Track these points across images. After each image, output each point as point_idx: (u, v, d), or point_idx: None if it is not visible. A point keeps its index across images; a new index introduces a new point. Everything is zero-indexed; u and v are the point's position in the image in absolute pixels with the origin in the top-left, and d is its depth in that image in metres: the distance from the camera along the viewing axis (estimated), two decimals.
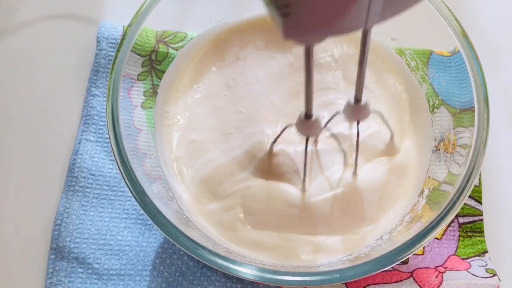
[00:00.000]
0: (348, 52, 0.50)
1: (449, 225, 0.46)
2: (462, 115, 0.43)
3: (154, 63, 0.47)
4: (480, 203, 0.47)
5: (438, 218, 0.38)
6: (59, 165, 0.48)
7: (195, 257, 0.37)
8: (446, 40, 0.44)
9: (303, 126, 0.39)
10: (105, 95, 0.50)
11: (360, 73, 0.37)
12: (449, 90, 0.45)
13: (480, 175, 0.48)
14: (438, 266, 0.44)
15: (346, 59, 0.49)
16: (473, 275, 0.43)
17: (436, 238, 0.46)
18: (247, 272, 0.37)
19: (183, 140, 0.47)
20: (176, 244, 0.37)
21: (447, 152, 0.43)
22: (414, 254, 0.44)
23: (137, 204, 0.38)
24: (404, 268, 0.44)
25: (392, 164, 0.45)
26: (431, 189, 0.43)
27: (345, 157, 0.45)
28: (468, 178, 0.39)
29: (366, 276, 0.37)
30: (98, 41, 0.51)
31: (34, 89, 0.51)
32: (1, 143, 0.49)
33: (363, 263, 0.37)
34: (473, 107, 0.41)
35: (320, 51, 0.49)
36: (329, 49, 0.50)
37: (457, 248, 0.46)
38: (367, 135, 0.46)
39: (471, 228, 0.46)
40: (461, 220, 0.47)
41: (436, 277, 0.44)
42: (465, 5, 0.56)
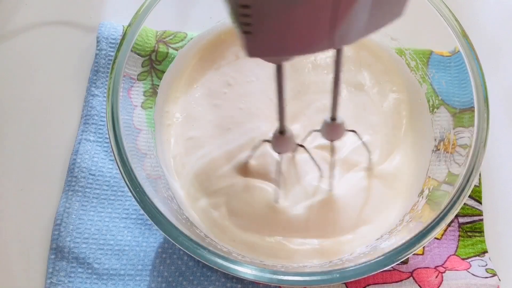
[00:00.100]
0: (348, 53, 0.50)
1: (449, 225, 0.46)
2: (462, 115, 0.43)
3: (154, 63, 0.47)
4: (480, 203, 0.47)
5: (438, 218, 0.38)
6: (59, 165, 0.48)
7: (195, 257, 0.37)
8: (446, 40, 0.44)
9: (277, 142, 0.39)
10: (105, 95, 0.50)
11: (335, 92, 0.36)
12: (449, 90, 0.45)
13: (480, 175, 0.48)
14: (438, 266, 0.44)
15: (346, 60, 0.49)
16: (473, 275, 0.43)
17: (436, 238, 0.46)
18: (247, 272, 0.37)
19: (181, 138, 0.47)
20: (176, 244, 0.37)
21: (447, 152, 0.43)
22: (414, 254, 0.44)
23: (137, 204, 0.38)
24: (404, 268, 0.44)
25: (375, 177, 0.45)
26: (431, 189, 0.43)
27: (330, 167, 0.44)
28: (468, 178, 0.39)
29: (366, 276, 0.37)
30: (98, 41, 0.51)
31: (34, 89, 0.51)
32: (1, 143, 0.49)
33: (363, 263, 0.37)
34: (473, 107, 0.41)
35: (319, 52, 0.49)
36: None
37: (457, 248, 0.46)
38: (351, 150, 0.46)
39: (471, 228, 0.46)
40: (461, 220, 0.47)
41: (436, 277, 0.44)
42: (465, 5, 0.56)
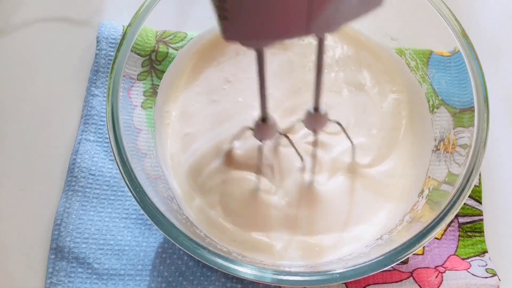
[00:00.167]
0: (349, 53, 0.50)
1: (449, 225, 0.46)
2: (462, 115, 0.43)
3: (154, 63, 0.47)
4: (480, 203, 0.47)
5: (438, 218, 0.38)
6: (59, 165, 0.48)
7: (195, 257, 0.37)
8: (446, 40, 0.44)
9: (259, 130, 0.39)
10: (105, 95, 0.50)
11: (317, 82, 0.36)
12: (449, 90, 0.45)
13: (480, 175, 0.48)
14: (438, 266, 0.44)
15: (347, 60, 0.49)
16: (473, 275, 0.43)
17: (436, 238, 0.46)
18: (247, 272, 0.37)
19: (178, 136, 0.47)
20: (176, 244, 0.37)
21: (447, 152, 0.43)
22: (414, 254, 0.44)
23: (137, 204, 0.38)
24: (404, 268, 0.44)
25: (367, 178, 0.45)
26: (431, 189, 0.43)
27: (312, 159, 0.44)
28: (468, 178, 0.39)
29: (366, 276, 0.37)
30: (98, 41, 0.51)
31: (34, 89, 0.51)
32: (1, 143, 0.49)
33: (363, 263, 0.37)
34: (473, 107, 0.41)
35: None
36: (329, 49, 0.50)
37: (457, 248, 0.46)
38: (343, 150, 0.46)
39: (471, 228, 0.46)
40: (461, 220, 0.47)
41: (436, 277, 0.44)
42: (465, 5, 0.56)
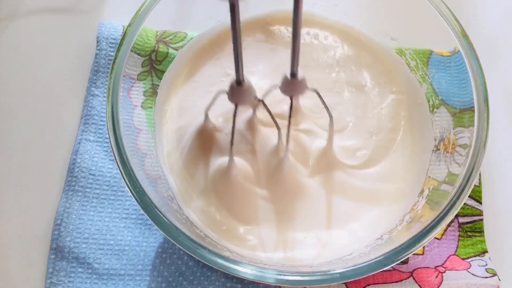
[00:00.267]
0: (349, 53, 0.50)
1: (449, 225, 0.46)
2: (462, 115, 0.43)
3: (154, 63, 0.47)
4: (480, 203, 0.47)
5: (438, 218, 0.38)
6: (59, 165, 0.48)
7: (195, 257, 0.37)
8: (446, 40, 0.44)
9: (234, 93, 0.38)
10: (105, 95, 0.50)
11: (294, 46, 0.35)
12: (449, 90, 0.45)
13: (480, 175, 0.48)
14: (438, 266, 0.44)
15: (347, 60, 0.49)
16: (473, 275, 0.43)
17: (436, 238, 0.46)
18: (247, 272, 0.37)
19: (172, 131, 0.47)
20: (176, 244, 0.37)
21: (447, 152, 0.43)
22: (414, 254, 0.44)
23: (137, 204, 0.38)
24: (404, 268, 0.44)
25: (360, 178, 0.45)
26: (431, 189, 0.43)
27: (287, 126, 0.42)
28: (468, 178, 0.39)
29: (366, 276, 0.37)
30: (98, 41, 0.51)
31: (34, 89, 0.51)
32: (1, 143, 0.49)
33: (363, 263, 0.37)
34: (473, 107, 0.41)
35: (320, 51, 0.49)
36: (330, 49, 0.50)
37: (457, 248, 0.46)
38: (341, 147, 0.46)
39: (471, 228, 0.46)
40: (461, 220, 0.47)
41: (436, 277, 0.44)
42: (465, 5, 0.56)
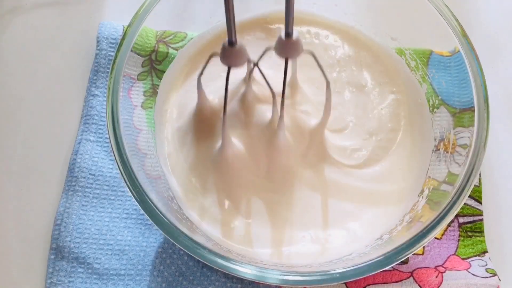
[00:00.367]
0: (349, 53, 0.50)
1: (449, 225, 0.46)
2: (462, 115, 0.43)
3: (154, 63, 0.47)
4: (480, 203, 0.47)
5: (438, 218, 0.38)
6: (59, 165, 0.48)
7: (195, 257, 0.37)
8: (446, 40, 0.44)
9: (226, 54, 0.36)
10: (105, 95, 0.50)
11: (288, 3, 0.34)
12: (449, 90, 0.45)
13: (480, 175, 0.48)
14: (438, 266, 0.44)
15: (348, 60, 0.49)
16: (473, 275, 0.43)
17: (436, 238, 0.46)
18: (247, 272, 0.37)
19: (172, 131, 0.46)
20: (176, 244, 0.37)
21: (447, 152, 0.43)
22: (414, 254, 0.44)
23: (137, 204, 0.38)
24: (404, 268, 0.44)
25: (356, 178, 0.45)
26: (431, 189, 0.43)
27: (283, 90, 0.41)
28: (468, 178, 0.39)
29: (366, 276, 0.37)
30: (98, 41, 0.51)
31: (34, 89, 0.51)
32: (1, 143, 0.49)
33: (363, 263, 0.37)
34: (473, 107, 0.41)
35: (321, 51, 0.49)
36: (330, 48, 0.50)
37: (457, 248, 0.46)
38: (342, 147, 0.46)
39: (471, 228, 0.46)
40: (461, 220, 0.47)
41: (436, 277, 0.44)
42: (465, 5, 0.56)
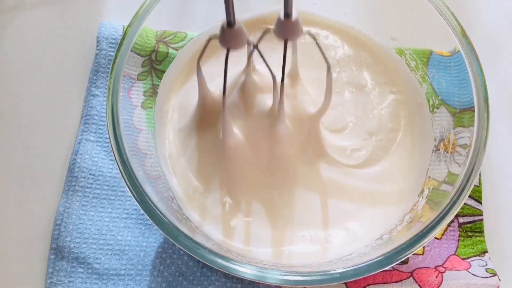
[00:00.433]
0: (349, 53, 0.50)
1: (449, 225, 0.46)
2: (462, 115, 0.43)
3: (154, 63, 0.47)
4: (480, 203, 0.47)
5: (438, 218, 0.38)
6: (59, 165, 0.48)
7: (195, 257, 0.37)
8: (446, 40, 0.44)
9: (225, 36, 0.36)
10: (105, 95, 0.50)
11: None
12: (449, 90, 0.45)
13: (480, 175, 0.48)
14: (438, 266, 0.44)
15: (348, 60, 0.49)
16: (473, 275, 0.43)
17: (436, 238, 0.46)
18: (247, 272, 0.37)
19: (173, 132, 0.46)
20: (176, 244, 0.37)
21: (447, 152, 0.43)
22: (414, 254, 0.44)
23: (137, 204, 0.38)
24: (404, 268, 0.44)
25: (355, 177, 0.45)
26: (431, 189, 0.43)
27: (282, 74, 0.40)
28: (468, 178, 0.39)
29: (366, 276, 0.37)
30: (98, 41, 0.51)
31: (34, 89, 0.51)
32: (2, 143, 0.49)
33: (363, 263, 0.37)
34: (473, 107, 0.41)
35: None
36: (330, 49, 0.50)
37: (457, 248, 0.46)
38: (342, 147, 0.46)
39: (471, 228, 0.46)
40: (461, 220, 0.47)
41: (436, 277, 0.44)
42: (465, 5, 0.56)
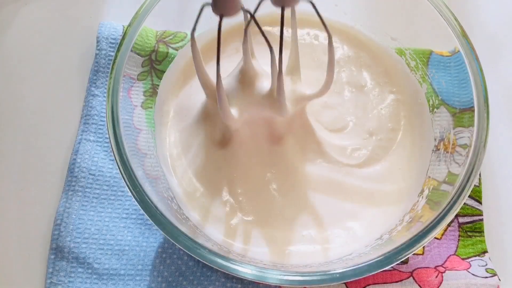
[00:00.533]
0: (349, 53, 0.50)
1: (449, 225, 0.46)
2: (462, 115, 0.43)
3: (154, 63, 0.47)
4: (480, 203, 0.47)
5: (438, 218, 0.38)
6: (59, 165, 0.48)
7: (195, 257, 0.37)
8: (446, 40, 0.44)
9: (217, 1, 0.35)
10: (105, 95, 0.50)
11: None
12: (449, 90, 0.45)
13: (480, 175, 0.48)
14: (438, 266, 0.44)
15: (347, 60, 0.49)
16: (473, 275, 0.43)
17: (436, 238, 0.46)
18: (247, 272, 0.37)
19: (174, 132, 0.46)
20: (176, 244, 0.37)
21: (447, 152, 0.43)
22: (414, 254, 0.44)
23: (137, 204, 0.38)
24: (404, 268, 0.44)
25: (354, 177, 0.45)
26: (431, 189, 0.43)
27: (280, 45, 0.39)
28: (468, 178, 0.39)
29: (366, 276, 0.37)
30: (98, 41, 0.51)
31: (34, 89, 0.51)
32: (1, 143, 0.49)
33: (363, 263, 0.37)
34: (473, 107, 0.41)
35: (320, 52, 0.49)
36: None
37: (457, 248, 0.46)
38: (341, 147, 0.46)
39: (471, 228, 0.46)
40: (461, 220, 0.47)
41: (436, 277, 0.44)
42: (465, 5, 0.56)
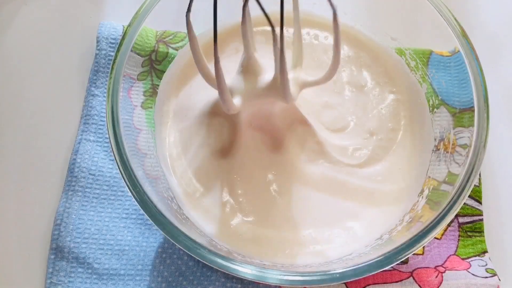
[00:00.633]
0: (349, 53, 0.50)
1: (449, 225, 0.46)
2: (462, 115, 0.43)
3: (154, 63, 0.47)
4: (480, 203, 0.47)
5: (438, 218, 0.38)
6: (59, 165, 0.48)
7: (195, 257, 0.37)
8: (446, 40, 0.44)
9: None
10: (105, 95, 0.50)
11: None
12: (449, 90, 0.45)
13: (480, 175, 0.48)
14: (438, 266, 0.44)
15: (347, 60, 0.49)
16: (473, 275, 0.43)
17: (436, 238, 0.46)
18: (247, 272, 0.37)
19: (174, 132, 0.46)
20: (176, 244, 0.37)
21: (447, 152, 0.43)
22: (414, 254, 0.44)
23: (137, 204, 0.38)
24: (404, 268, 0.44)
25: (355, 176, 0.45)
26: (431, 189, 0.43)
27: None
28: (468, 178, 0.39)
29: (366, 276, 0.37)
30: (98, 41, 0.51)
31: (34, 89, 0.51)
32: (1, 143, 0.49)
33: (363, 263, 0.37)
34: (473, 107, 0.41)
35: (320, 52, 0.49)
36: (330, 49, 0.49)
37: (457, 248, 0.46)
38: (342, 147, 0.46)
39: (471, 228, 0.46)
40: (461, 220, 0.47)
41: (436, 277, 0.44)
42: (465, 5, 0.56)
